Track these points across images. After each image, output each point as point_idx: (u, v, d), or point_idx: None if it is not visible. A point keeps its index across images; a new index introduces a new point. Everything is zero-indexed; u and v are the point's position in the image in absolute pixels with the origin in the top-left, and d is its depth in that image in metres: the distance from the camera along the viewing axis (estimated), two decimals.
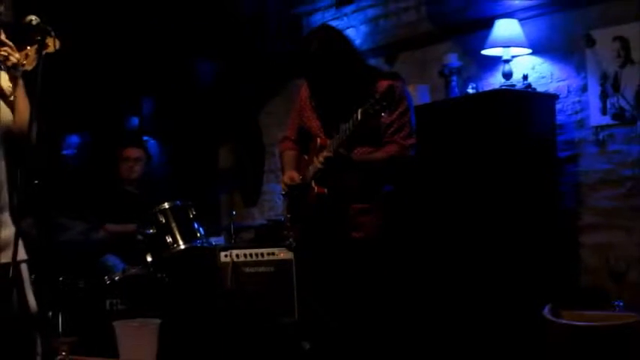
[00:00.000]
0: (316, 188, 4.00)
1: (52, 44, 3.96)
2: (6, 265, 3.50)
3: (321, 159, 3.90)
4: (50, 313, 2.16)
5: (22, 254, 3.78)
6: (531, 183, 5.11)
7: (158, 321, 2.19)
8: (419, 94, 5.72)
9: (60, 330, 2.17)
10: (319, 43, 3.97)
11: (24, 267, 3.82)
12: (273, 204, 7.74)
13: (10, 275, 3.48)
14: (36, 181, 3.89)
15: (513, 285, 4.87)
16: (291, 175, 4.21)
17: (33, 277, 4.65)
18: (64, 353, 2.25)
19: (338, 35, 4.09)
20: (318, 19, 7.14)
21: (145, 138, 7.69)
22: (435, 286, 5.20)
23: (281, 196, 4.70)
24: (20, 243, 3.75)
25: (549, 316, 4.24)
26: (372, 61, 6.21)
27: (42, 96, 3.83)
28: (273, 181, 7.77)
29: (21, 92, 3.69)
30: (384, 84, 3.84)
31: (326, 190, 3.99)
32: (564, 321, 4.19)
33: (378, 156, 3.97)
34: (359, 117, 3.67)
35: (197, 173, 8.02)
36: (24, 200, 3.79)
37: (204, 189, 7.82)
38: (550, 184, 5.28)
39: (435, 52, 6.19)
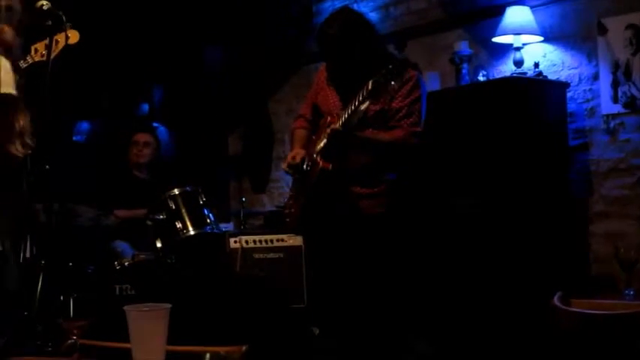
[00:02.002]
0: (321, 162, 4.01)
1: (73, 36, 4.00)
2: None
3: (330, 129, 3.92)
4: (61, 298, 2.17)
5: None
6: (542, 171, 5.10)
7: (169, 305, 2.19)
8: (429, 82, 5.69)
9: (71, 314, 2.19)
10: (340, 25, 3.99)
11: None
12: (282, 190, 7.73)
13: None
14: (47, 167, 3.88)
15: (523, 273, 4.86)
16: (294, 154, 4.23)
17: (43, 262, 4.71)
18: (74, 337, 2.25)
19: (359, 18, 4.11)
20: (328, 6, 7.12)
21: (155, 124, 7.69)
22: (444, 276, 5.19)
23: (289, 182, 4.72)
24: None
25: (559, 305, 4.23)
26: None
27: (53, 83, 3.85)
28: (281, 167, 7.76)
29: None
30: (409, 72, 3.88)
31: (330, 166, 4.00)
32: (574, 309, 4.18)
33: (382, 137, 3.99)
34: (369, 87, 3.70)
35: (206, 160, 8.03)
36: (35, 186, 3.81)
37: (213, 175, 7.83)
38: (561, 172, 5.27)
39: (446, 40, 6.17)
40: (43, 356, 3.68)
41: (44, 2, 3.83)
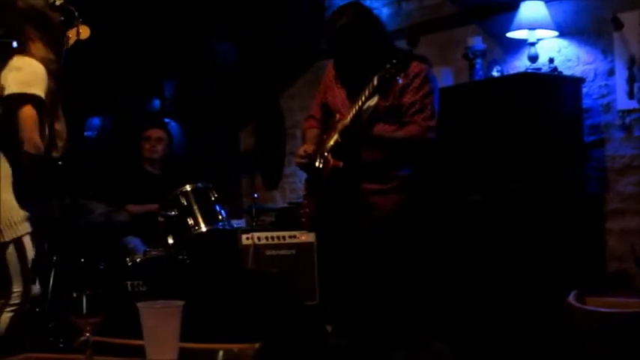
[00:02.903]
0: (332, 161, 4.01)
1: (84, 32, 4.00)
2: None
3: (339, 127, 3.90)
4: (74, 294, 2.15)
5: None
6: (557, 168, 5.06)
7: (181, 303, 2.17)
8: (442, 77, 5.67)
9: (84, 311, 2.17)
10: (347, 19, 3.98)
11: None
12: (294, 187, 7.72)
13: None
14: (59, 163, 3.88)
15: (538, 271, 4.83)
16: (306, 148, 4.23)
17: (55, 258, 4.71)
18: (87, 334, 2.23)
19: (366, 13, 4.10)
20: (340, 1, 7.08)
21: (167, 120, 7.68)
22: (458, 273, 5.17)
23: (302, 179, 4.71)
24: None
25: (575, 303, 4.21)
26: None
27: (64, 78, 3.85)
28: (294, 164, 7.73)
29: None
30: (417, 66, 3.86)
31: (341, 164, 3.98)
32: (590, 307, 4.16)
33: (396, 134, 3.98)
34: (375, 83, 3.69)
35: (218, 156, 8.02)
36: (48, 182, 3.81)
37: (225, 171, 7.82)
38: (576, 168, 5.23)
39: (459, 35, 6.13)
40: (56, 353, 3.67)
41: None
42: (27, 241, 3.88)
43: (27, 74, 3.84)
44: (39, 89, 3.80)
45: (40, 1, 3.93)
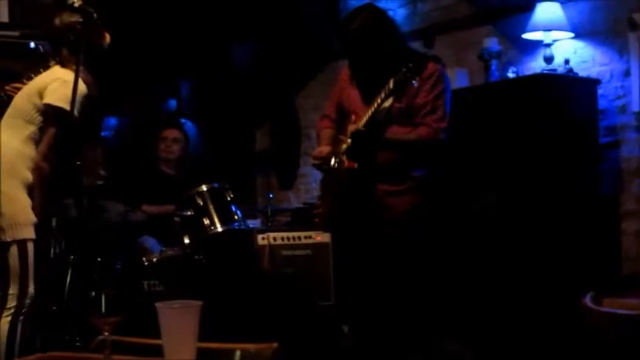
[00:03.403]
0: (346, 162, 4.02)
1: (105, 39, 4.03)
2: None
3: (351, 130, 3.92)
4: (93, 293, 2.16)
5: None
6: (572, 169, 5.06)
7: (200, 303, 2.18)
8: (457, 78, 5.68)
9: (102, 310, 2.18)
10: (361, 20, 3.99)
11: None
12: (309, 187, 7.74)
13: None
14: (77, 163, 3.91)
15: (553, 272, 4.83)
16: (321, 150, 4.24)
17: (72, 257, 4.73)
18: (106, 333, 2.24)
19: (381, 15, 4.12)
20: (355, 3, 7.09)
21: (183, 120, 7.70)
22: (473, 274, 5.17)
23: (317, 180, 4.72)
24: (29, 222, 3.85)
25: (590, 304, 4.20)
26: (410, 45, 6.17)
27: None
28: (309, 164, 7.74)
29: None
30: (431, 67, 3.86)
31: (356, 165, 4.00)
32: (605, 309, 4.14)
33: (407, 137, 3.99)
34: (391, 86, 3.70)
35: (233, 156, 8.03)
36: (65, 181, 3.84)
37: (240, 171, 7.83)
38: (591, 170, 5.23)
39: (475, 36, 6.14)
40: (73, 352, 3.69)
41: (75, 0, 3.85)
42: (30, 247, 3.90)
43: (69, 90, 3.87)
44: (65, 103, 3.85)
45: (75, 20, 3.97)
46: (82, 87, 3.89)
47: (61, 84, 3.92)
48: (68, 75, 3.91)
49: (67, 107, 3.80)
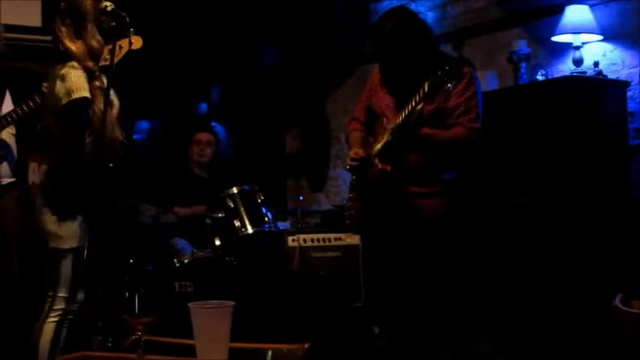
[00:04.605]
0: (379, 165, 4.03)
1: (136, 42, 4.07)
2: None
3: (389, 129, 3.92)
4: (126, 294, 2.20)
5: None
6: (601, 171, 5.05)
7: (232, 303, 2.22)
8: (487, 81, 5.68)
9: (136, 310, 2.22)
10: (395, 23, 4.00)
11: None
12: (339, 189, 7.75)
13: None
14: (110, 164, 3.95)
15: (584, 274, 4.82)
16: (357, 151, 4.24)
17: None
18: (139, 333, 2.29)
19: (414, 17, 4.12)
20: (385, 5, 7.12)
21: (213, 124, 7.76)
22: (504, 275, 5.17)
23: (347, 182, 4.74)
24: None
25: (620, 306, 4.19)
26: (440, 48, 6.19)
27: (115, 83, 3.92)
28: (339, 166, 7.78)
29: None
30: (465, 69, 3.87)
31: (389, 168, 4.01)
32: (635, 310, 4.14)
33: (443, 135, 3.99)
34: (426, 89, 3.71)
35: (264, 158, 8.07)
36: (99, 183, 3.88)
37: (270, 174, 7.87)
38: (620, 171, 5.21)
39: (504, 39, 6.13)
40: (106, 351, 3.74)
41: (108, 3, 3.88)
42: (81, 255, 3.94)
43: (70, 82, 3.90)
44: (84, 91, 3.87)
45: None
46: (78, 72, 3.94)
47: (59, 84, 3.93)
48: (62, 69, 3.93)
49: (73, 97, 3.84)
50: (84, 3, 3.90)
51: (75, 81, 3.83)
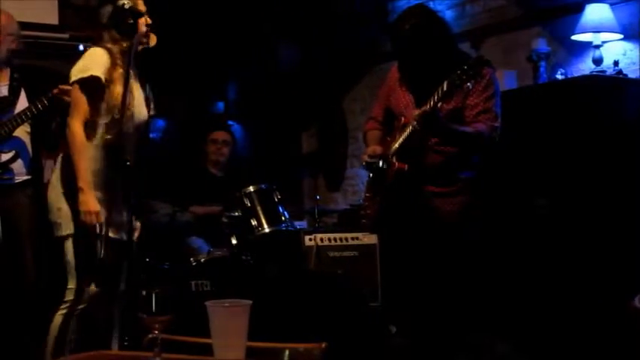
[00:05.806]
0: (397, 164, 4.01)
1: (152, 40, 4.09)
2: None
3: (415, 116, 3.87)
4: (144, 293, 2.19)
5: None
6: (621, 170, 5.01)
7: (249, 302, 2.20)
8: (506, 80, 5.65)
9: (153, 309, 2.20)
10: (414, 21, 3.98)
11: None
12: (356, 189, 7.74)
13: None
14: (127, 162, 3.95)
15: (602, 274, 4.79)
16: (374, 149, 4.23)
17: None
18: (156, 332, 2.27)
19: (433, 16, 4.10)
20: (403, 4, 7.09)
21: (230, 122, 7.75)
22: (522, 275, 5.14)
23: (364, 181, 4.72)
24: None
25: (639, 306, 4.16)
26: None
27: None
28: (356, 165, 7.77)
29: None
30: (487, 70, 3.84)
31: (406, 167, 3.99)
32: None
33: (467, 129, 3.96)
34: (445, 88, 3.69)
35: (280, 157, 8.06)
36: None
37: (287, 173, 7.86)
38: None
39: (523, 37, 6.10)
40: (122, 350, 3.73)
41: (125, 1, 3.89)
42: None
43: (85, 60, 3.96)
44: (97, 71, 3.91)
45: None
46: (97, 51, 4.00)
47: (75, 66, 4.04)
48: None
49: (84, 75, 3.94)
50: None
51: (91, 60, 3.91)
